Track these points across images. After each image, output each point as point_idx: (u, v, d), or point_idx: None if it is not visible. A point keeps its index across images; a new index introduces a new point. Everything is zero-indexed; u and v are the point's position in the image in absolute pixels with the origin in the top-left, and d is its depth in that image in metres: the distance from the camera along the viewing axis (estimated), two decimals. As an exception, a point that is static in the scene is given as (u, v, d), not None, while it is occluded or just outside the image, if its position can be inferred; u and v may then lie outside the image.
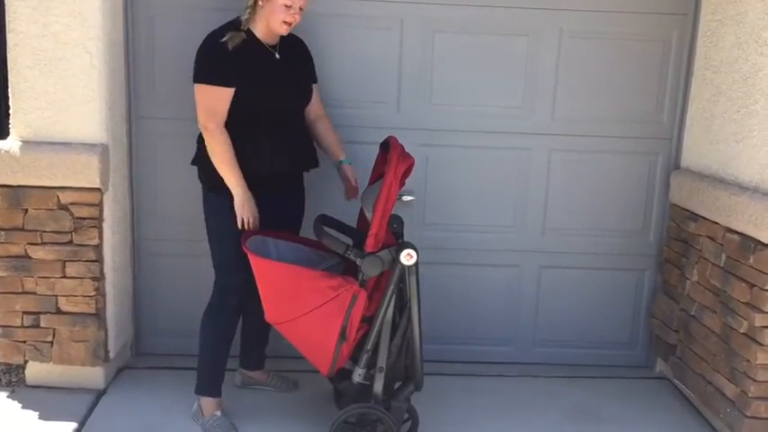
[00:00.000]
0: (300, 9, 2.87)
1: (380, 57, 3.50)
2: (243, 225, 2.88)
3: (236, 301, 3.04)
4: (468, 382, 3.61)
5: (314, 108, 3.15)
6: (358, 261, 2.78)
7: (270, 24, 2.88)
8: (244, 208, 2.88)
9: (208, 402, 3.08)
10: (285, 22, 2.86)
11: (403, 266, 2.79)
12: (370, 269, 2.77)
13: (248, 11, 2.88)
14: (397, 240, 2.98)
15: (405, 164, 2.81)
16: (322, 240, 2.87)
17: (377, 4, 3.46)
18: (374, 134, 3.36)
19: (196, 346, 3.11)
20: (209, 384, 3.09)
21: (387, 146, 2.93)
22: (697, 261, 3.33)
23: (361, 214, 3.09)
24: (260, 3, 2.85)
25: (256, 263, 2.79)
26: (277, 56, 2.97)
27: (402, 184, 2.85)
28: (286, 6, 2.83)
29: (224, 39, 2.83)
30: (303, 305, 2.78)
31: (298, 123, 3.09)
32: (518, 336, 3.82)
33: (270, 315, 2.89)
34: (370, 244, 2.77)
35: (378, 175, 3.02)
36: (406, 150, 2.87)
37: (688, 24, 3.54)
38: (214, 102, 2.84)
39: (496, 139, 3.61)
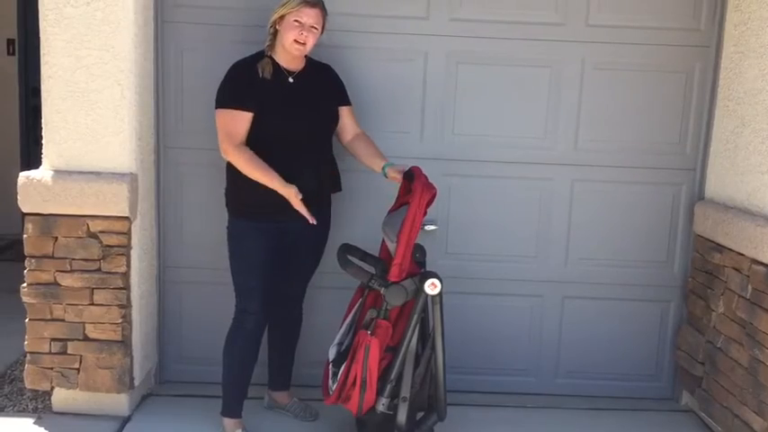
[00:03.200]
0: (313, 28, 2.96)
1: (404, 88, 3.54)
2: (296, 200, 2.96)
3: (252, 325, 3.09)
4: (489, 412, 3.59)
5: (348, 129, 3.21)
6: (382, 290, 2.79)
7: (285, 46, 2.98)
8: (289, 192, 2.94)
9: (228, 423, 3.16)
10: (297, 41, 2.94)
11: (426, 296, 2.80)
12: (394, 298, 2.79)
13: (269, 38, 3.02)
14: (420, 270, 2.99)
15: (429, 194, 2.83)
16: (346, 270, 2.89)
17: (401, 36, 3.51)
18: (397, 164, 3.40)
19: (220, 373, 3.15)
20: (229, 406, 3.17)
21: (410, 176, 2.96)
22: (722, 292, 3.30)
23: (383, 243, 3.11)
24: (277, 27, 2.98)
25: None
26: (290, 80, 3.04)
27: (424, 213, 2.87)
28: (297, 23, 2.92)
29: (256, 65, 3.01)
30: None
31: (318, 148, 3.12)
32: (540, 366, 3.79)
33: None
34: (394, 273, 2.78)
35: (399, 204, 3.05)
36: (429, 180, 2.90)
37: (711, 56, 3.55)
38: (233, 125, 2.95)
39: (519, 170, 3.62)
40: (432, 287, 2.79)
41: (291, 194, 2.93)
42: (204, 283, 3.61)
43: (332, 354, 3.01)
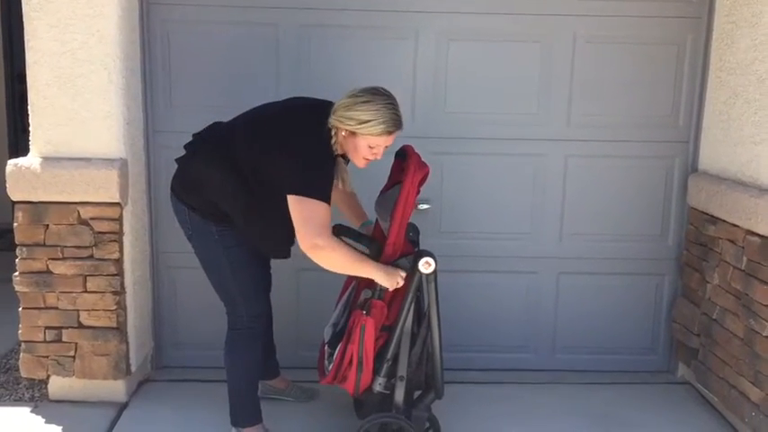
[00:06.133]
0: (385, 147, 2.73)
1: (395, 66, 3.51)
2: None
3: (264, 327, 3.01)
4: (487, 389, 3.60)
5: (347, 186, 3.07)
6: None
7: (350, 157, 2.75)
8: (393, 276, 2.74)
9: (256, 429, 3.00)
10: (366, 159, 2.72)
11: (421, 275, 2.79)
12: None
13: (333, 132, 2.68)
14: (414, 249, 2.98)
15: (421, 172, 2.81)
16: None
17: (391, 14, 3.48)
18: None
19: (215, 357, 3.11)
20: (252, 412, 3.00)
21: (402, 154, 2.93)
22: (717, 264, 3.31)
23: (377, 223, 3.09)
24: (343, 134, 2.67)
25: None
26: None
27: (418, 192, 2.85)
28: (370, 147, 2.68)
29: (328, 160, 2.70)
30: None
31: None
32: (537, 343, 3.81)
33: None
34: (387, 253, 2.77)
35: (392, 183, 3.03)
36: (422, 159, 2.88)
37: (702, 27, 3.53)
38: (324, 217, 2.61)
39: (512, 146, 3.61)
40: (426, 266, 2.78)
41: (390, 275, 2.73)
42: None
43: (327, 334, 2.99)
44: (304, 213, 2.59)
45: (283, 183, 2.63)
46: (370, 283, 2.84)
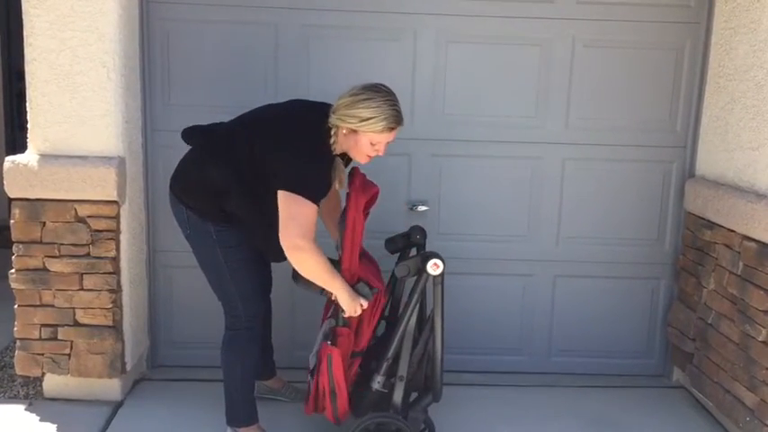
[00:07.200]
0: (386, 143, 2.73)
1: (394, 68, 3.51)
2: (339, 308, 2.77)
3: (261, 328, 3.01)
4: (482, 391, 3.60)
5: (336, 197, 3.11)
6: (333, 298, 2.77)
7: (351, 154, 2.76)
8: (355, 300, 2.74)
9: (252, 430, 3.00)
10: (368, 156, 2.73)
11: (427, 276, 2.79)
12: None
13: (333, 132, 2.69)
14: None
15: (364, 197, 2.76)
16: (296, 283, 2.80)
17: (391, 15, 3.48)
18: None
19: (211, 357, 3.12)
20: (248, 412, 3.00)
21: (351, 177, 2.86)
22: (713, 269, 3.31)
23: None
24: (343, 132, 2.67)
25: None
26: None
27: (366, 214, 2.83)
28: (372, 144, 2.68)
29: (325, 161, 2.69)
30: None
31: None
32: (533, 345, 3.81)
33: None
34: (344, 278, 2.75)
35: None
36: (368, 180, 2.85)
37: (701, 33, 3.54)
38: (310, 219, 2.60)
39: (510, 149, 3.61)
40: (434, 267, 2.78)
41: (353, 298, 2.73)
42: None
43: (311, 363, 2.99)
44: (291, 210, 2.59)
45: (278, 179, 2.63)
46: (333, 313, 2.84)
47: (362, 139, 2.67)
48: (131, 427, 3.17)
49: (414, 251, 3.09)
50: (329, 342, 2.80)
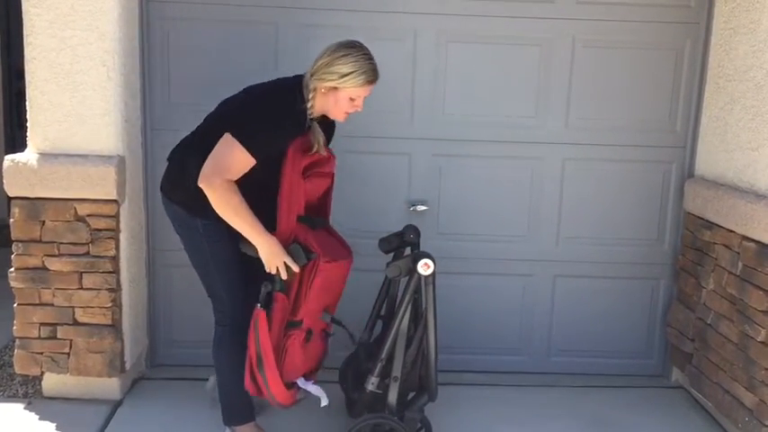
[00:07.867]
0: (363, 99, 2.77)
1: (394, 68, 3.50)
2: (277, 272, 2.70)
3: (247, 324, 2.93)
4: (481, 391, 3.60)
5: None
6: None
7: (330, 114, 2.78)
8: (276, 257, 2.69)
9: (246, 429, 3.01)
10: (346, 113, 2.77)
11: (420, 276, 2.79)
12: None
13: (311, 95, 2.70)
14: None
15: (307, 159, 2.75)
16: (242, 247, 2.78)
17: (391, 15, 3.48)
18: (388, 145, 3.39)
19: (210, 356, 3.10)
20: (244, 410, 3.00)
21: None
22: (713, 269, 3.32)
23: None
24: (322, 91, 2.70)
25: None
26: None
27: (328, 188, 2.88)
28: (351, 99, 2.72)
29: (287, 122, 2.68)
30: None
31: None
32: (532, 345, 3.81)
33: None
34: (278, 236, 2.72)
35: None
36: (329, 149, 2.89)
37: (701, 33, 3.54)
38: (242, 166, 2.61)
39: (510, 149, 3.61)
40: (425, 267, 2.78)
41: (274, 249, 2.67)
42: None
43: None
44: (224, 150, 2.60)
45: (231, 121, 2.65)
46: (269, 276, 2.74)
47: (341, 95, 2.70)
48: (130, 426, 3.17)
49: (408, 250, 3.09)
50: (259, 305, 2.72)
